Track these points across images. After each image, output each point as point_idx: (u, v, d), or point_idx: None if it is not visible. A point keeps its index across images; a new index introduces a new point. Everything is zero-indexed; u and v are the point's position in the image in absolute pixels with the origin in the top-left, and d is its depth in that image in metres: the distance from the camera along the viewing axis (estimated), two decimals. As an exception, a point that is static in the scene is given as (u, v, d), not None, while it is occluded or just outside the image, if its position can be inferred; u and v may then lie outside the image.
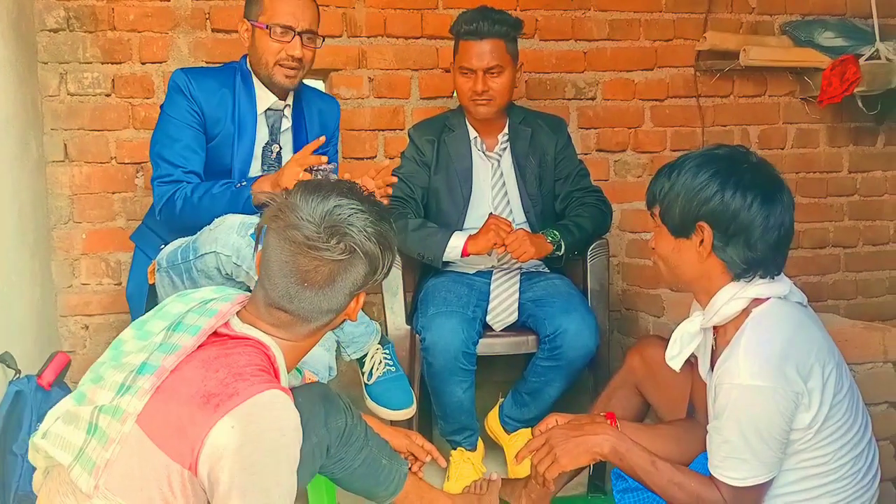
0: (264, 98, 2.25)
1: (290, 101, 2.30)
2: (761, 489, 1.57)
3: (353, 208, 1.42)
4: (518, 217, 2.49)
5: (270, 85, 2.24)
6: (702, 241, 1.57)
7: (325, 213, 1.39)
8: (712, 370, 1.63)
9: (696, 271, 1.61)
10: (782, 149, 3.31)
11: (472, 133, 2.52)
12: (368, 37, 2.93)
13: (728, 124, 3.26)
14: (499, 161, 2.51)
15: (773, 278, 1.60)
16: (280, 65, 2.18)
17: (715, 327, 1.65)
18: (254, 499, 1.28)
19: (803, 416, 1.53)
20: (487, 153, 2.52)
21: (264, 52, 2.18)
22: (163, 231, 2.22)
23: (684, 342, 1.69)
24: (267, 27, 2.15)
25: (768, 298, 1.58)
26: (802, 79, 3.25)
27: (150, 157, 2.22)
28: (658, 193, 1.63)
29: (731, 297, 1.58)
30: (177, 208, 2.11)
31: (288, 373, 1.48)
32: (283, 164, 2.28)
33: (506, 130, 2.53)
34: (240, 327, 1.44)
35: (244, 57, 2.28)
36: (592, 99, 3.14)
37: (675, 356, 1.71)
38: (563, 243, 2.39)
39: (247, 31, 2.21)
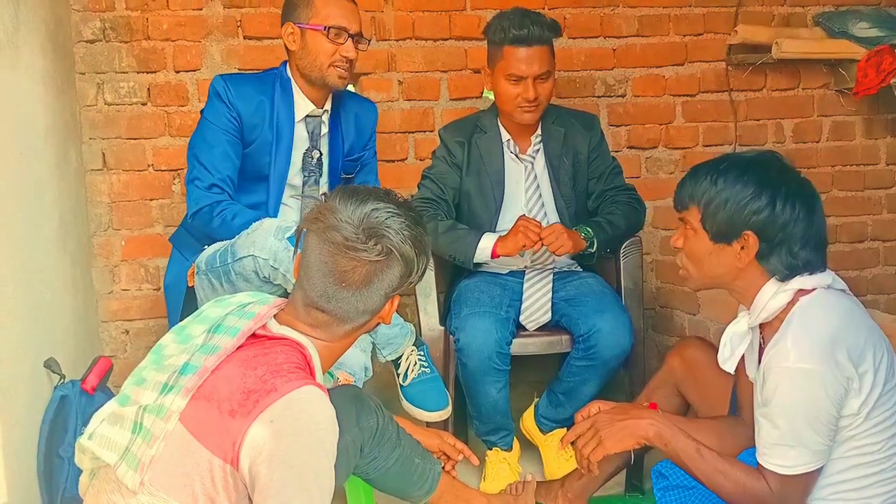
0: (303, 105, 2.27)
1: (328, 106, 2.32)
2: (809, 478, 1.55)
3: (389, 212, 1.46)
4: (552, 218, 2.48)
5: (321, 86, 2.25)
6: (743, 248, 1.58)
7: (364, 215, 1.44)
8: (759, 366, 1.63)
9: (733, 275, 1.62)
10: (817, 142, 3.26)
11: (505, 135, 2.52)
12: (397, 40, 2.95)
13: (761, 118, 3.22)
14: (532, 163, 2.50)
15: (813, 273, 1.60)
16: (334, 66, 2.20)
17: (761, 325, 1.65)
18: (293, 492, 1.31)
19: (853, 402, 1.52)
20: (520, 156, 2.51)
21: (319, 54, 2.20)
22: (201, 236, 2.27)
23: (734, 343, 1.69)
24: (325, 29, 2.18)
25: (814, 289, 1.58)
26: (837, 70, 3.19)
27: (187, 158, 2.27)
28: (699, 197, 1.62)
29: (775, 293, 1.59)
30: (213, 224, 2.16)
31: (323, 374, 1.51)
32: (324, 168, 2.33)
33: (538, 132, 2.52)
34: (277, 328, 1.47)
35: (284, 63, 2.30)
36: (622, 96, 3.12)
37: (727, 358, 1.70)
38: (595, 240, 2.38)
39: (292, 35, 2.22)
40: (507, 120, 2.49)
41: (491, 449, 2.40)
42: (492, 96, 2.53)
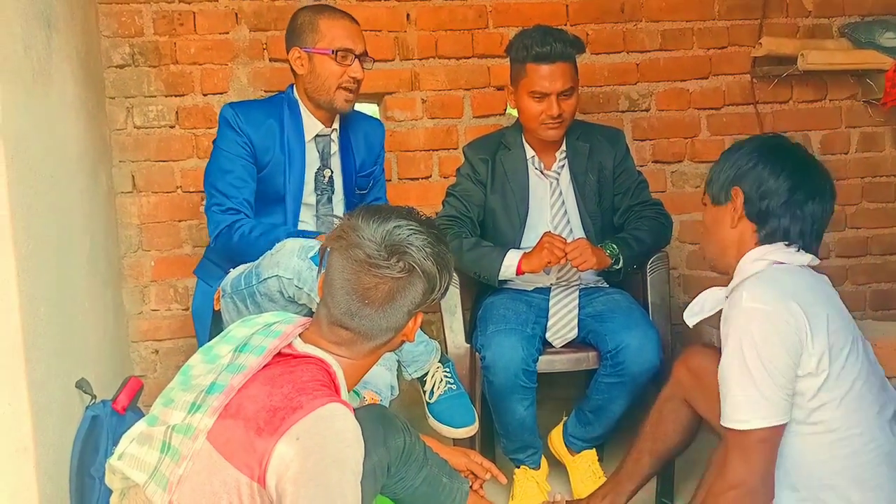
0: (311, 126, 2.33)
1: (336, 125, 2.37)
2: (769, 437, 1.54)
3: (411, 229, 1.47)
4: (578, 234, 2.47)
5: (328, 109, 2.31)
6: (735, 207, 1.69)
7: (386, 233, 1.46)
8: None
9: (730, 238, 1.72)
10: (846, 153, 3.22)
11: (530, 152, 2.52)
12: (420, 59, 2.98)
13: (788, 130, 3.18)
14: (557, 180, 2.50)
15: (799, 250, 1.67)
16: (342, 88, 2.26)
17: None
18: None
19: (809, 360, 1.54)
20: (545, 172, 2.51)
21: (328, 77, 2.26)
22: (224, 263, 2.30)
23: (707, 303, 1.76)
24: (333, 52, 2.23)
25: (789, 264, 1.66)
26: (864, 81, 3.16)
27: (203, 188, 2.33)
28: (711, 172, 1.78)
29: (755, 259, 1.66)
30: (233, 240, 2.20)
31: (348, 391, 1.52)
32: (336, 187, 2.37)
33: (563, 148, 2.52)
34: (302, 347, 1.48)
35: (291, 87, 2.36)
36: (646, 110, 3.11)
37: (694, 314, 1.78)
38: (621, 257, 2.37)
39: (299, 59, 2.28)
40: (531, 136, 2.50)
41: (519, 467, 2.38)
42: (515, 113, 2.54)
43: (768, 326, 1.53)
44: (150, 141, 2.85)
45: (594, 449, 2.41)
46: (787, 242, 1.66)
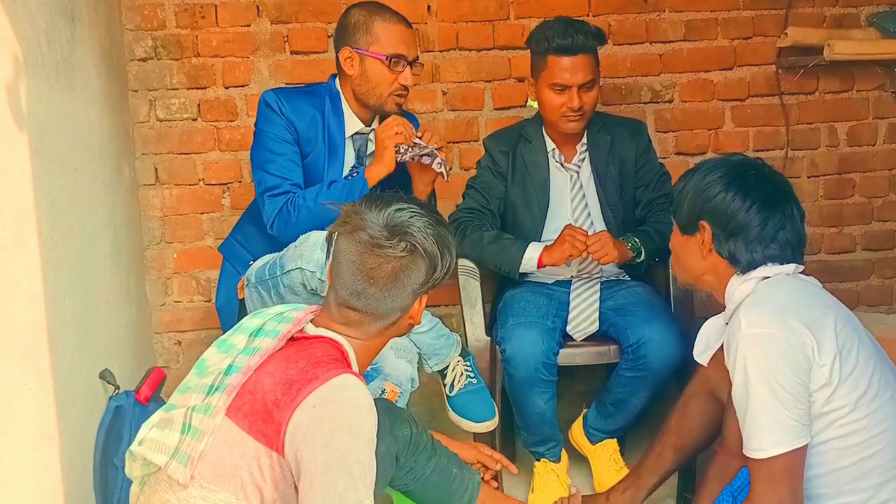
0: (351, 123, 2.28)
1: (374, 125, 2.31)
2: (793, 460, 1.49)
3: (412, 212, 1.55)
4: (599, 227, 2.45)
5: (376, 111, 2.26)
6: (703, 241, 1.65)
7: (388, 216, 1.54)
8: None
9: (701, 267, 1.69)
10: (873, 145, 3.17)
11: (550, 144, 2.50)
12: (441, 51, 2.96)
13: (814, 122, 3.15)
14: (578, 172, 2.48)
15: (783, 264, 1.63)
16: (393, 94, 2.21)
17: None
18: (336, 474, 1.33)
19: (820, 373, 1.49)
20: (566, 165, 2.49)
21: (379, 83, 2.20)
22: (251, 245, 2.30)
23: (711, 337, 1.72)
24: (387, 59, 2.17)
25: (776, 276, 1.62)
26: (892, 71, 3.10)
27: (252, 175, 2.25)
28: (673, 192, 1.73)
29: (739, 284, 1.63)
30: (293, 217, 2.12)
31: (360, 372, 1.55)
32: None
33: (584, 140, 2.50)
34: (314, 330, 1.55)
35: (332, 77, 2.31)
36: (670, 101, 3.08)
37: (702, 351, 1.75)
38: (643, 250, 2.35)
39: (350, 60, 2.21)
40: (551, 129, 2.48)
41: (539, 460, 2.37)
42: (536, 105, 2.52)
43: (771, 351, 1.49)
44: (173, 134, 2.87)
45: (615, 439, 2.39)
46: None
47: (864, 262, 3.17)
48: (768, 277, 1.61)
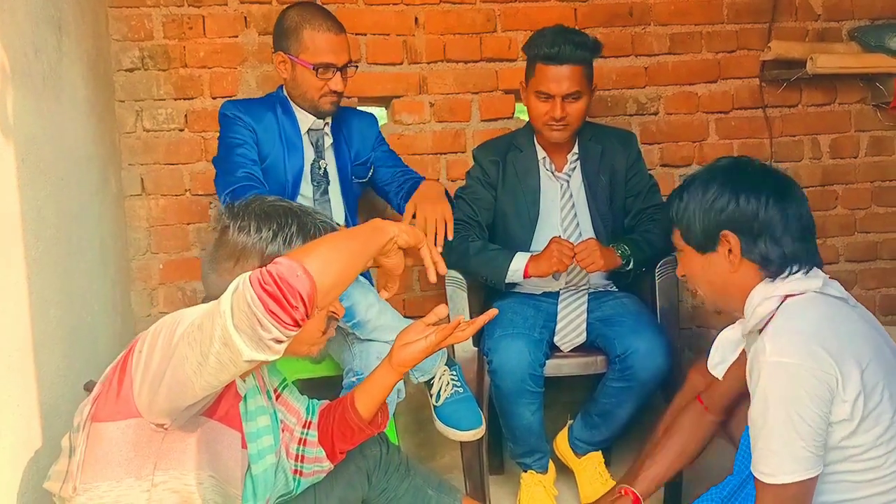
0: (304, 120, 2.41)
1: (328, 118, 2.44)
2: (802, 489, 1.47)
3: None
4: (588, 237, 2.45)
5: (313, 113, 2.39)
6: (730, 250, 1.59)
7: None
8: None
9: (731, 280, 1.61)
10: (855, 157, 3.21)
11: (541, 153, 2.52)
12: (428, 62, 2.98)
13: (797, 134, 3.18)
14: (568, 182, 2.50)
15: (807, 274, 1.57)
16: (324, 97, 2.33)
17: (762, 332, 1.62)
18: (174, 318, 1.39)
19: (842, 407, 1.45)
20: (556, 174, 2.51)
21: (308, 88, 2.33)
22: None
23: (727, 350, 1.68)
24: (313, 67, 2.28)
25: (803, 293, 1.56)
26: (874, 85, 3.15)
27: (215, 180, 2.37)
28: (674, 219, 1.65)
29: (764, 298, 1.56)
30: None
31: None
32: (331, 178, 2.43)
33: (575, 149, 2.52)
34: None
35: (280, 87, 2.44)
36: (655, 114, 3.11)
37: (717, 364, 1.70)
38: (632, 258, 2.36)
39: (283, 64, 2.35)
40: (542, 138, 2.50)
41: (526, 471, 2.38)
42: (524, 115, 2.53)
43: (795, 382, 1.44)
44: (160, 144, 2.86)
45: (600, 451, 2.40)
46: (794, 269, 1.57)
47: (847, 274, 3.20)
48: (794, 295, 1.55)
